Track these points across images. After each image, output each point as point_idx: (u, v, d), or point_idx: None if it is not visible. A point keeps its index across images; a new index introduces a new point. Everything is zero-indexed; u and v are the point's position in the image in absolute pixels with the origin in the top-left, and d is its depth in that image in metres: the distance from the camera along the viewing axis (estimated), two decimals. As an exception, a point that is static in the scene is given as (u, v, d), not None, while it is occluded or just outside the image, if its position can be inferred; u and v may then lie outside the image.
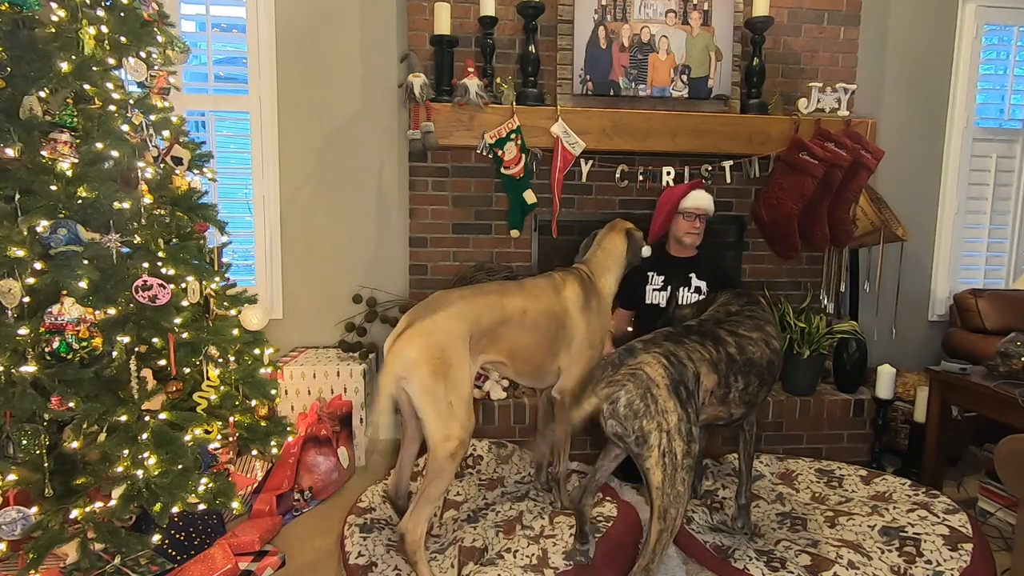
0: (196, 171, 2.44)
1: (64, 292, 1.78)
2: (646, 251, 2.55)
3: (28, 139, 1.80)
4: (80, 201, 1.88)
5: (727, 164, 3.15)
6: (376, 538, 2.12)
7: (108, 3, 2.06)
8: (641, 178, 3.17)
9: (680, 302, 2.58)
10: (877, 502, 2.38)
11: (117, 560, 1.94)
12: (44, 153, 1.81)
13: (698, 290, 2.60)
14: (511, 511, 2.34)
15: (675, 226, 2.77)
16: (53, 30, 1.88)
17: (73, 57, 1.87)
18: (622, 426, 1.71)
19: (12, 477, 1.77)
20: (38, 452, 1.80)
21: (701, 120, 3.07)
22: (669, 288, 2.61)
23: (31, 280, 1.77)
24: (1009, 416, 2.38)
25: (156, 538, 2.01)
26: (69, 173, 1.84)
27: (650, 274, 2.75)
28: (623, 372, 1.74)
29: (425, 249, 3.24)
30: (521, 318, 2.05)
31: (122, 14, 2.08)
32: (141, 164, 2.04)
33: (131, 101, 2.07)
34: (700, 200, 2.64)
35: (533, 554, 2.04)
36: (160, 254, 2.08)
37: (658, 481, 1.70)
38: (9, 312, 1.74)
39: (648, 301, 2.75)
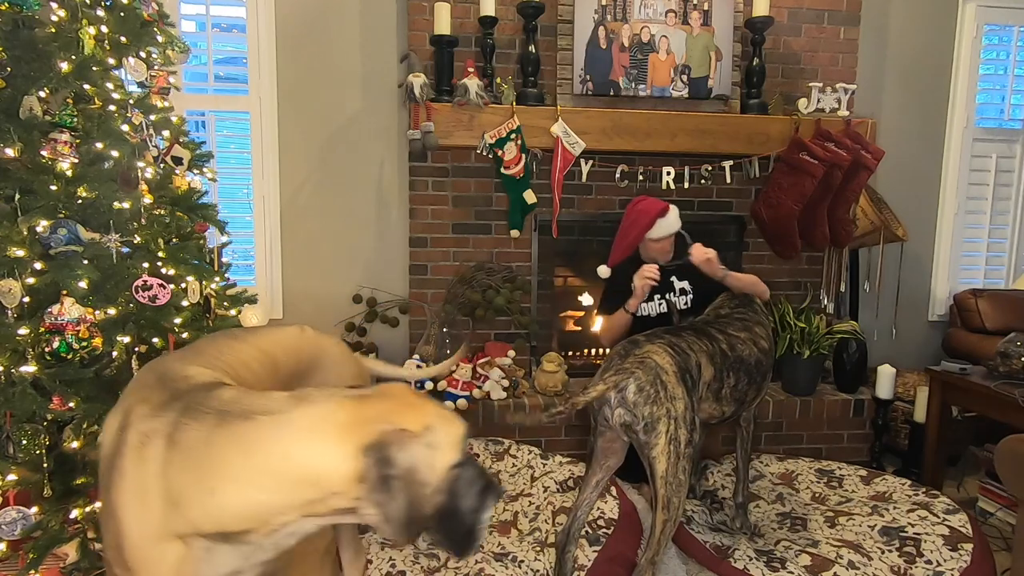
0: (196, 171, 2.44)
1: (64, 292, 1.78)
2: (603, 272, 2.51)
3: (28, 139, 1.79)
4: (80, 201, 1.87)
5: (727, 164, 3.15)
6: (372, 536, 2.12)
7: (108, 3, 2.06)
8: (641, 178, 3.17)
9: (679, 307, 2.55)
10: (877, 502, 2.38)
11: (117, 560, 1.94)
12: (44, 153, 1.80)
13: (683, 291, 2.58)
14: (505, 513, 2.35)
15: (643, 248, 2.60)
16: (53, 30, 1.88)
17: (73, 57, 1.87)
18: (631, 413, 1.71)
19: (12, 477, 1.77)
20: (38, 452, 1.80)
21: (701, 120, 3.07)
22: (655, 298, 2.58)
23: (31, 280, 1.76)
24: (1009, 416, 2.38)
25: (156, 538, 2.01)
26: (69, 173, 1.83)
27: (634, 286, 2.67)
28: (631, 361, 1.76)
29: (425, 249, 3.24)
30: None
31: (122, 14, 2.07)
32: (141, 164, 2.03)
33: (131, 101, 2.07)
34: (669, 227, 2.49)
35: (532, 557, 2.04)
36: (160, 254, 2.07)
37: (663, 470, 1.70)
38: (9, 312, 1.74)
39: (638, 315, 2.68)
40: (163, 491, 0.97)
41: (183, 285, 2.14)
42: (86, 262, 1.82)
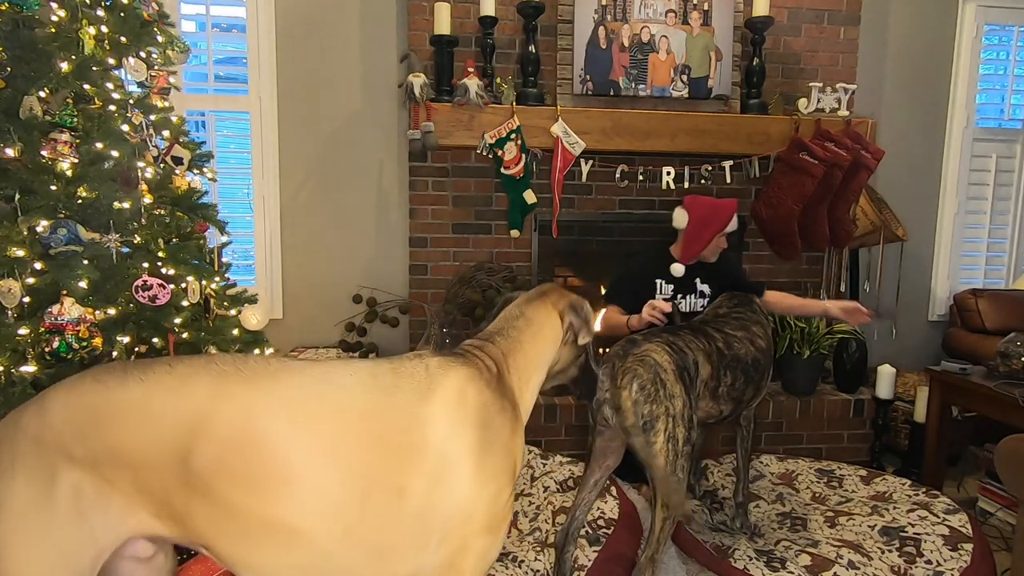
0: (196, 171, 2.44)
1: (64, 292, 1.78)
2: (678, 270, 2.44)
3: (28, 139, 1.79)
4: (80, 201, 1.87)
5: (727, 164, 3.15)
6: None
7: (108, 3, 2.06)
8: (641, 178, 3.17)
9: (685, 309, 2.53)
10: (877, 502, 2.38)
11: (117, 560, 1.94)
12: (44, 153, 1.80)
13: (703, 294, 2.56)
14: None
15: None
16: (53, 30, 1.88)
17: (73, 57, 1.87)
18: (631, 412, 1.72)
19: (12, 477, 1.77)
20: (38, 452, 1.80)
21: (701, 120, 3.07)
22: (678, 297, 2.55)
23: (31, 280, 1.76)
24: (1009, 416, 2.38)
25: (156, 538, 2.00)
26: (69, 173, 1.84)
27: (658, 282, 2.58)
28: (630, 360, 1.76)
29: (425, 249, 3.24)
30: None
31: (122, 14, 2.07)
32: (141, 164, 2.03)
33: (131, 101, 2.07)
34: (735, 223, 2.50)
35: (532, 557, 2.04)
36: (160, 254, 2.08)
37: (661, 468, 1.71)
38: (9, 312, 1.74)
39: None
40: (517, 411, 1.27)
41: (183, 285, 2.14)
42: (86, 262, 1.82)
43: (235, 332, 2.34)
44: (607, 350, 1.95)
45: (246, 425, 1.02)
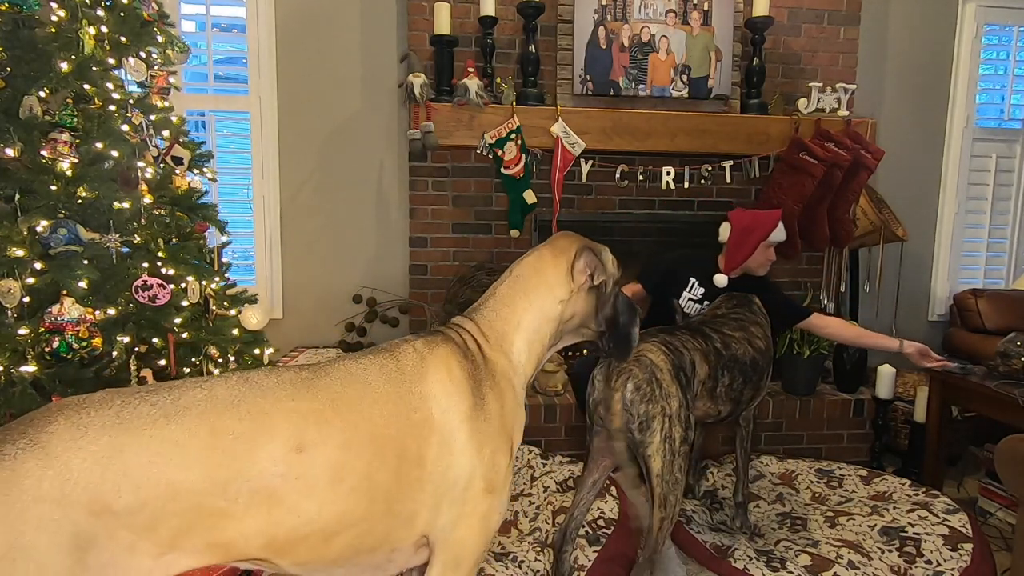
0: (196, 171, 2.44)
1: (64, 292, 1.78)
2: (721, 280, 2.37)
3: (28, 139, 1.80)
4: (80, 201, 1.88)
5: (727, 164, 3.15)
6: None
7: (108, 3, 2.06)
8: (641, 178, 3.17)
9: (686, 312, 2.52)
10: (877, 502, 2.38)
11: (117, 560, 1.93)
12: (44, 153, 1.81)
13: None
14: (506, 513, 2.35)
15: (752, 257, 2.42)
16: (53, 30, 1.88)
17: (73, 57, 1.87)
18: (627, 412, 1.72)
19: (12, 477, 1.77)
20: (38, 452, 1.80)
21: (701, 120, 3.07)
22: (705, 303, 2.52)
23: (31, 280, 1.76)
24: (1009, 416, 2.38)
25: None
26: (69, 173, 1.84)
27: (692, 280, 2.51)
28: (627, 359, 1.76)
29: (425, 249, 3.24)
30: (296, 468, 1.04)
31: (122, 14, 2.08)
32: (141, 164, 2.04)
33: (131, 101, 2.07)
34: (781, 234, 2.44)
35: (532, 557, 2.04)
36: (160, 254, 2.08)
37: (658, 468, 1.71)
38: (9, 312, 1.74)
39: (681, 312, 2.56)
40: (507, 364, 1.32)
41: (183, 285, 2.14)
42: (86, 262, 1.82)
43: (235, 332, 2.34)
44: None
45: (313, 434, 1.07)
